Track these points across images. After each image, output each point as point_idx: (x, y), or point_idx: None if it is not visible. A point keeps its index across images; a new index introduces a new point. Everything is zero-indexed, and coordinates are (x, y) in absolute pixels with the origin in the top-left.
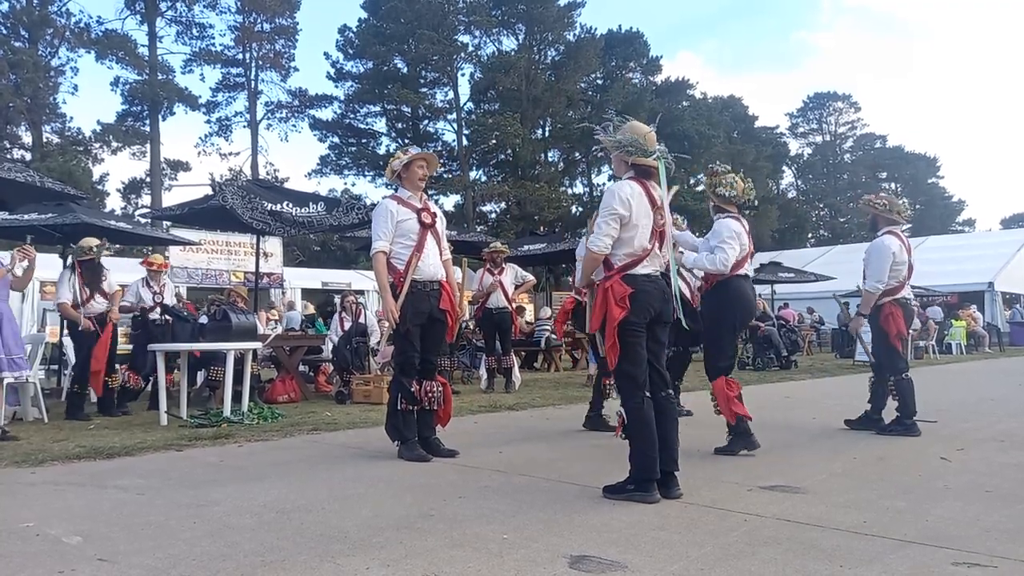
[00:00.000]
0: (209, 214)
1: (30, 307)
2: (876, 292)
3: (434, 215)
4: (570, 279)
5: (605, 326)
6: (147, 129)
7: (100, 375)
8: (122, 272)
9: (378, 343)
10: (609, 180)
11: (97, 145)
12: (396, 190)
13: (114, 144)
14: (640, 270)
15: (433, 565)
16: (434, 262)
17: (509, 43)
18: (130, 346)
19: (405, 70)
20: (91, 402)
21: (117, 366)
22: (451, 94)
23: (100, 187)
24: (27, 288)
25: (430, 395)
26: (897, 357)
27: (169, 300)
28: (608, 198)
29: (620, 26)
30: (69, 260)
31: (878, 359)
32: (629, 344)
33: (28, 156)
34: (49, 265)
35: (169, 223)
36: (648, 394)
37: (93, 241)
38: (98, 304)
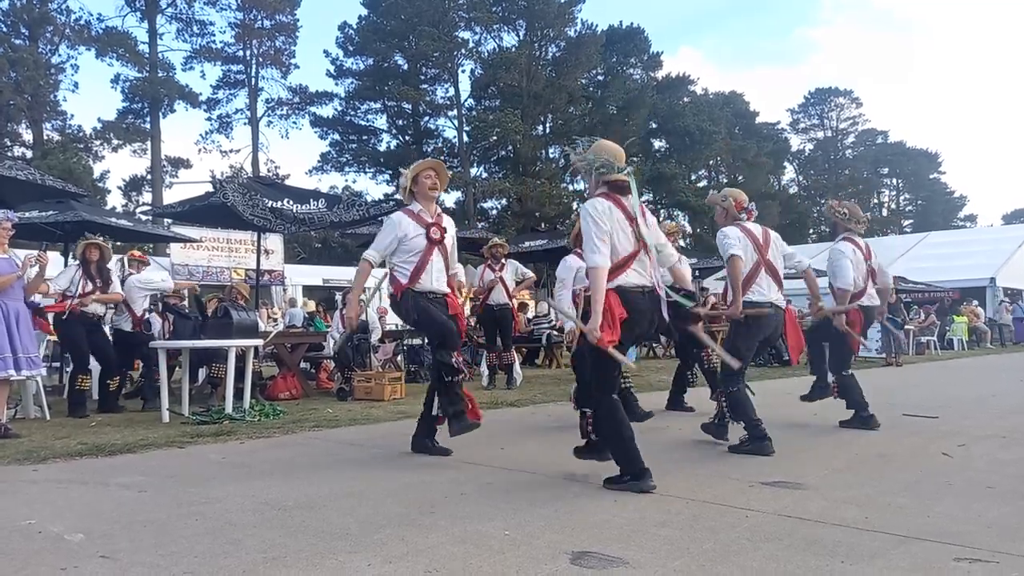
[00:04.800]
0: (210, 211)
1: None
2: (849, 290)
3: (444, 230)
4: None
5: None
6: (148, 126)
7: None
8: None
9: (379, 340)
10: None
11: (98, 142)
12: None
13: (115, 141)
14: (632, 279)
15: (435, 562)
16: (438, 277)
17: (510, 39)
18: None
19: (405, 67)
20: (92, 399)
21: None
22: (452, 90)
23: (101, 184)
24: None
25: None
26: (845, 358)
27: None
28: (584, 220)
29: (621, 22)
30: (76, 254)
31: (834, 357)
32: (610, 356)
33: (29, 154)
34: (51, 263)
35: (170, 220)
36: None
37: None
38: (95, 305)
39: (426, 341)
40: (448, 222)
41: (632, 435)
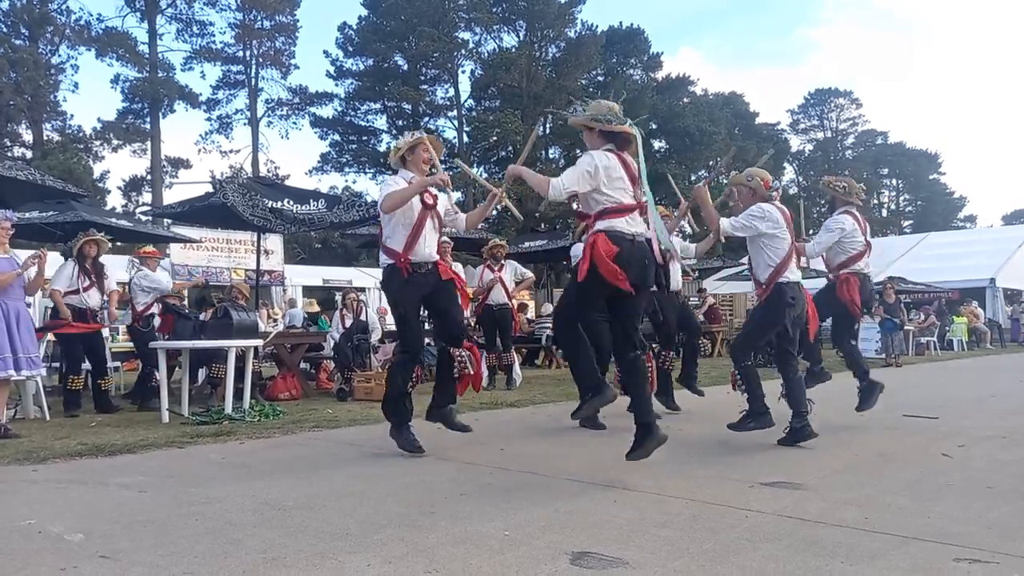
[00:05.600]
0: (210, 212)
1: (34, 305)
2: (812, 254)
3: (435, 196)
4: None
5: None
6: (148, 127)
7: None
8: (123, 270)
9: (380, 340)
10: None
11: (98, 143)
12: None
13: (115, 142)
14: (626, 227)
15: (434, 562)
16: (430, 244)
17: (510, 40)
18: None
19: (405, 67)
20: (90, 399)
21: (120, 364)
22: (452, 91)
23: (101, 185)
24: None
25: (460, 361)
26: (851, 326)
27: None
28: (581, 161)
29: (621, 23)
30: (74, 249)
31: (837, 328)
32: (589, 294)
33: (29, 154)
34: (52, 263)
35: (170, 221)
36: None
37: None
38: (93, 299)
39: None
40: (437, 191)
41: (591, 356)
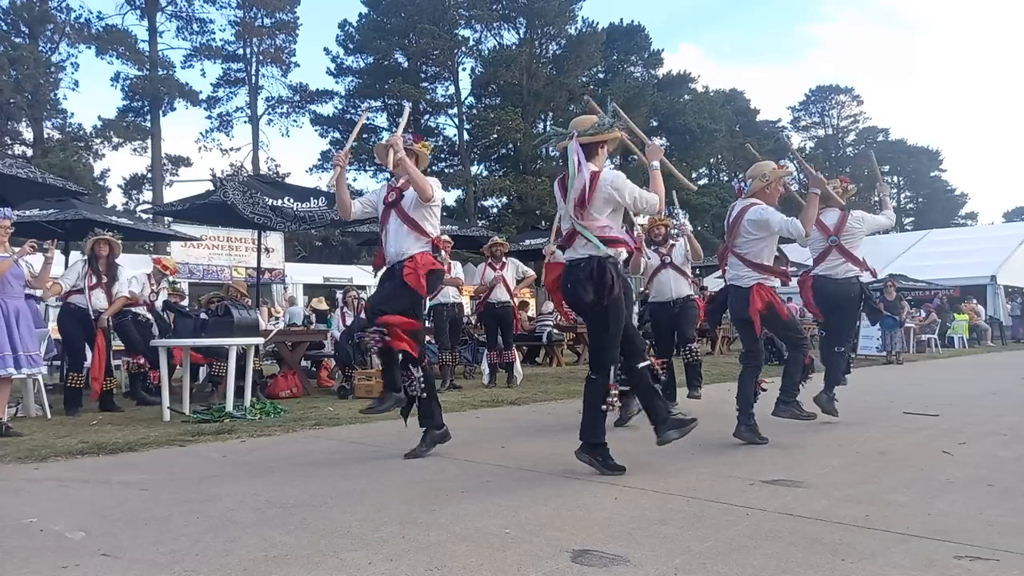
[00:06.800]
0: (210, 209)
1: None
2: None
3: (398, 191)
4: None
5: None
6: (148, 124)
7: (99, 380)
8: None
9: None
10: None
11: (98, 141)
12: None
13: (115, 140)
14: (567, 254)
15: (435, 559)
16: (393, 243)
17: (510, 37)
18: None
19: (406, 65)
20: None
21: (120, 363)
22: (452, 89)
23: (101, 183)
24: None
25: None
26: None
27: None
28: None
29: (621, 19)
30: (85, 249)
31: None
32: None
33: (29, 152)
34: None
35: (170, 219)
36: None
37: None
38: (98, 299)
39: (430, 339)
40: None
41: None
